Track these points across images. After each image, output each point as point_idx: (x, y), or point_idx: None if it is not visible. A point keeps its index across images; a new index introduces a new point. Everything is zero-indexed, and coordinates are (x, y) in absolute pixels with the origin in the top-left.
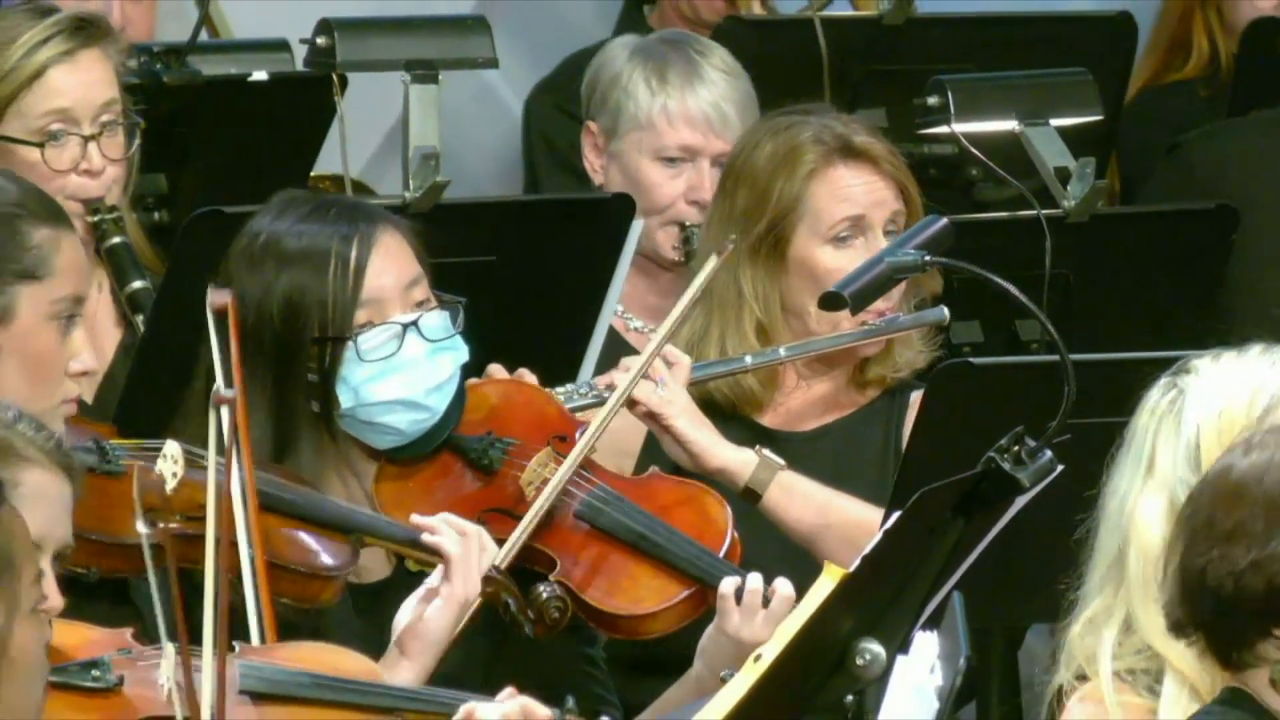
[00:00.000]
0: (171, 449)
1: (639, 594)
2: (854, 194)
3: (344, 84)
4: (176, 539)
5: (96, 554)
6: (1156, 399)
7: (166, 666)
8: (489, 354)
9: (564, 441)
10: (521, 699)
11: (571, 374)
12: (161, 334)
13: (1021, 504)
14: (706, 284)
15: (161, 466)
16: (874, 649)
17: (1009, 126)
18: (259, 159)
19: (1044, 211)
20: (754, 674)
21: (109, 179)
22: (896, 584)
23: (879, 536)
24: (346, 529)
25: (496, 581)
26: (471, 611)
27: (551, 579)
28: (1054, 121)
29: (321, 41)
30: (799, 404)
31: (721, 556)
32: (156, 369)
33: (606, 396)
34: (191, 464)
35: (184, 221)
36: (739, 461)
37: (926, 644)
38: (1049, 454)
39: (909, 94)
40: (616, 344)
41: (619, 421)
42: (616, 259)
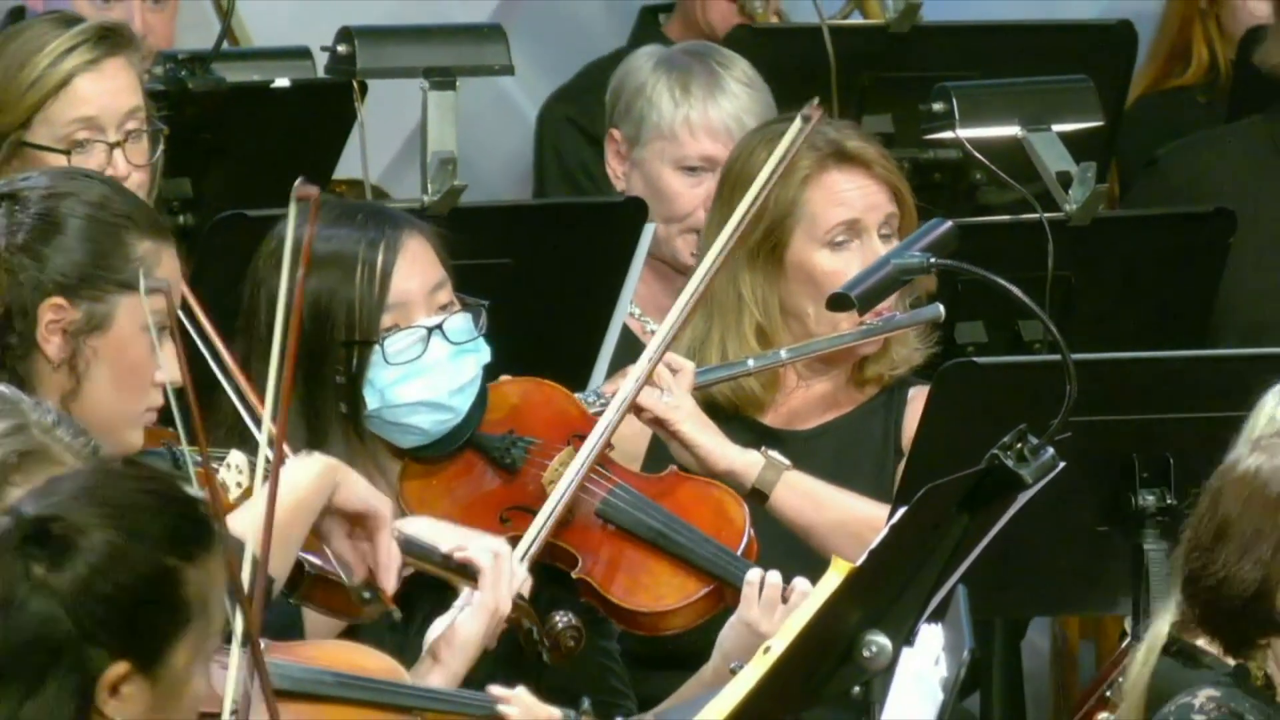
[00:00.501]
0: (236, 458)
1: (659, 591)
2: (849, 198)
3: (364, 91)
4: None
5: None
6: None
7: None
8: (505, 354)
9: (583, 440)
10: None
11: (586, 373)
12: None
13: (1024, 500)
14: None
15: (225, 475)
16: (880, 641)
17: (1012, 132)
18: (281, 164)
19: (1046, 215)
20: (763, 665)
21: (134, 185)
22: (902, 578)
23: (885, 531)
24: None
25: (520, 608)
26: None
27: (573, 574)
28: (1056, 127)
29: (342, 49)
30: (800, 403)
31: (739, 554)
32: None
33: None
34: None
35: (208, 225)
36: (745, 463)
37: (931, 636)
38: (1051, 451)
39: (915, 100)
40: (632, 344)
41: (626, 428)
42: (629, 261)
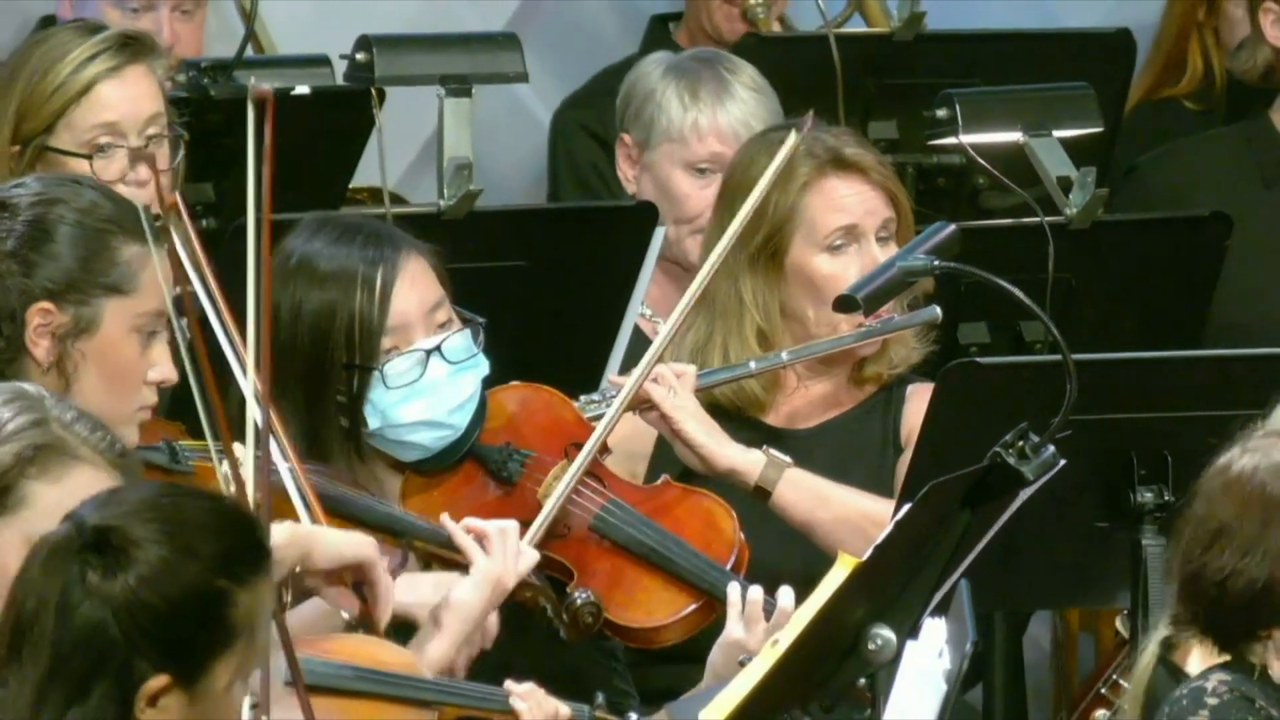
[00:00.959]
0: (237, 451)
1: (651, 606)
2: (847, 204)
3: (382, 97)
4: None
5: None
6: None
7: None
8: (520, 355)
9: (579, 449)
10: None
11: (598, 371)
12: (209, 336)
13: (1025, 496)
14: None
15: (226, 469)
16: (885, 634)
17: (1014, 138)
18: (301, 169)
19: (1047, 218)
20: (771, 658)
21: (153, 189)
22: (907, 573)
23: (890, 527)
24: (397, 532)
25: (534, 586)
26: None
27: (568, 589)
28: (1056, 133)
29: (361, 57)
30: (800, 403)
31: (729, 567)
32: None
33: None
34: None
35: (230, 229)
36: (747, 462)
37: (935, 630)
38: (1052, 449)
39: (919, 107)
40: (643, 344)
41: (631, 428)
42: (640, 263)
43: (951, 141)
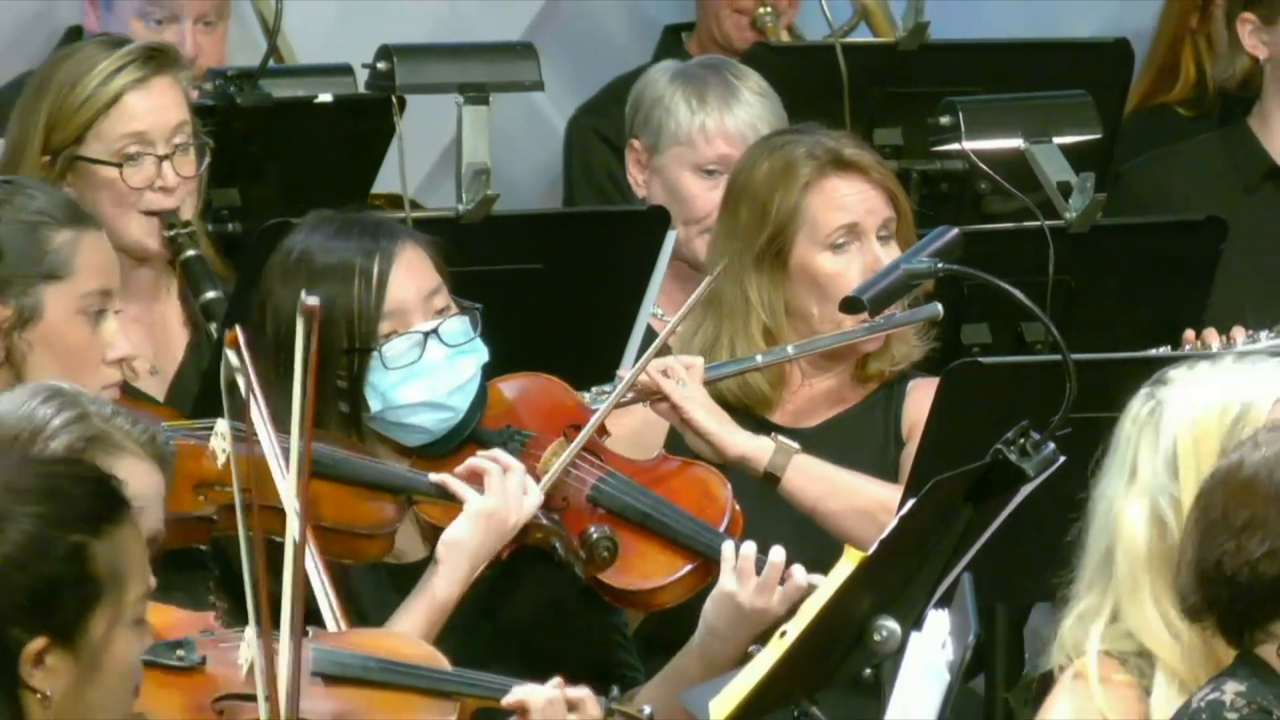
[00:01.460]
0: (222, 426)
1: (648, 570)
2: (848, 203)
3: (402, 105)
4: (228, 510)
5: None
6: (1137, 408)
7: (246, 648)
8: (536, 354)
9: (577, 430)
10: (570, 690)
11: (611, 370)
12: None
13: (1026, 492)
14: (705, 294)
15: (213, 443)
16: (890, 626)
17: (1015, 144)
18: (325, 174)
19: (1047, 222)
20: (779, 649)
21: (182, 195)
22: (911, 566)
23: (895, 522)
24: (394, 489)
25: (544, 526)
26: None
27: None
28: (1056, 139)
29: (382, 66)
30: (804, 400)
31: (723, 530)
32: None
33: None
34: (241, 439)
35: (256, 232)
36: (756, 448)
37: (939, 621)
38: (1052, 446)
39: (923, 114)
40: (654, 341)
41: (641, 421)
42: (653, 266)
43: (954, 148)
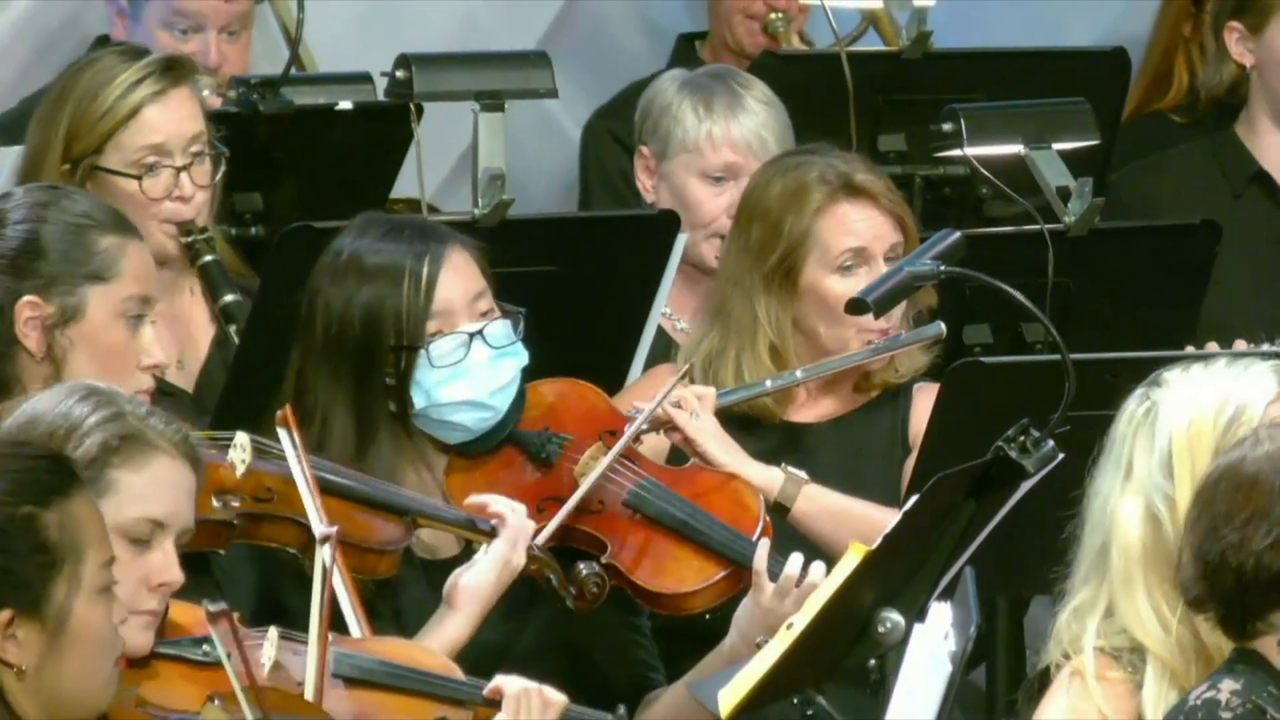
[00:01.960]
0: (241, 439)
1: (681, 574)
2: (857, 228)
3: (420, 112)
4: (245, 517)
5: None
6: (1132, 409)
7: (269, 647)
8: (551, 353)
9: (613, 435)
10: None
11: (624, 369)
12: (257, 338)
13: (1027, 488)
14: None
15: (232, 455)
16: (894, 618)
17: (1015, 150)
18: (345, 179)
19: (1047, 226)
20: (787, 640)
21: (199, 203)
22: (915, 560)
23: (899, 517)
24: (400, 511)
25: (539, 559)
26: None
27: (603, 560)
28: (1056, 145)
29: (400, 74)
30: (809, 402)
31: (755, 539)
32: (251, 372)
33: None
34: (259, 453)
35: (278, 235)
36: (766, 479)
37: (941, 613)
38: (1051, 444)
39: (926, 121)
40: (664, 342)
41: (657, 443)
42: (664, 269)
43: (956, 153)
